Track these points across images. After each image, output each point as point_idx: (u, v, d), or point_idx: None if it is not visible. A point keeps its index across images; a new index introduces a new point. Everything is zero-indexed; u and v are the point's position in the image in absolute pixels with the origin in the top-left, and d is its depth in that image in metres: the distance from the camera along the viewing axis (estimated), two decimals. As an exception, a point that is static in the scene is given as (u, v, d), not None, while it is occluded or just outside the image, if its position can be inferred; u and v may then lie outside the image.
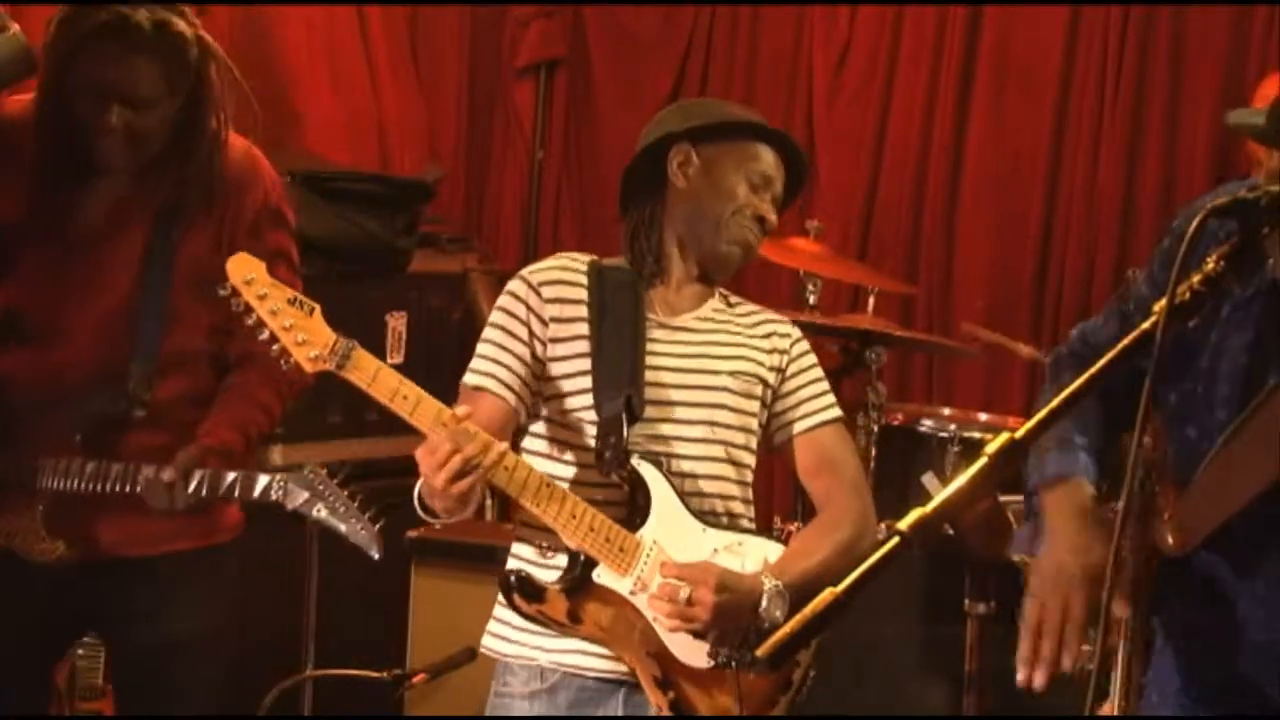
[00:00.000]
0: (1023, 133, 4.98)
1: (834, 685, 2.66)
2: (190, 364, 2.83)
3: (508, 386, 2.64)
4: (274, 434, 4.14)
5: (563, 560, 2.59)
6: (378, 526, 2.63)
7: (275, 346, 2.47)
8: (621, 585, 2.55)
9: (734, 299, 2.79)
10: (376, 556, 2.63)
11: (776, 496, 4.72)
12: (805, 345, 2.77)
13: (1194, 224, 1.72)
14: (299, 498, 2.64)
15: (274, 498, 2.64)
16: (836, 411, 2.74)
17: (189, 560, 2.83)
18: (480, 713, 2.73)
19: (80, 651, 3.51)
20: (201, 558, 2.85)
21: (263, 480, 2.65)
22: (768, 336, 2.73)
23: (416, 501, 2.48)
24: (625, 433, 2.55)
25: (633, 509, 2.57)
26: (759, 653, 1.68)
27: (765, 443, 2.73)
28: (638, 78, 5.58)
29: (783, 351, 2.72)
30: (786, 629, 1.65)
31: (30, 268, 2.75)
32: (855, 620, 2.21)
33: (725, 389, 2.64)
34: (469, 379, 2.68)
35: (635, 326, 2.62)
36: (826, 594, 1.65)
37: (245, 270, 2.47)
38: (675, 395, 2.62)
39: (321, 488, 2.63)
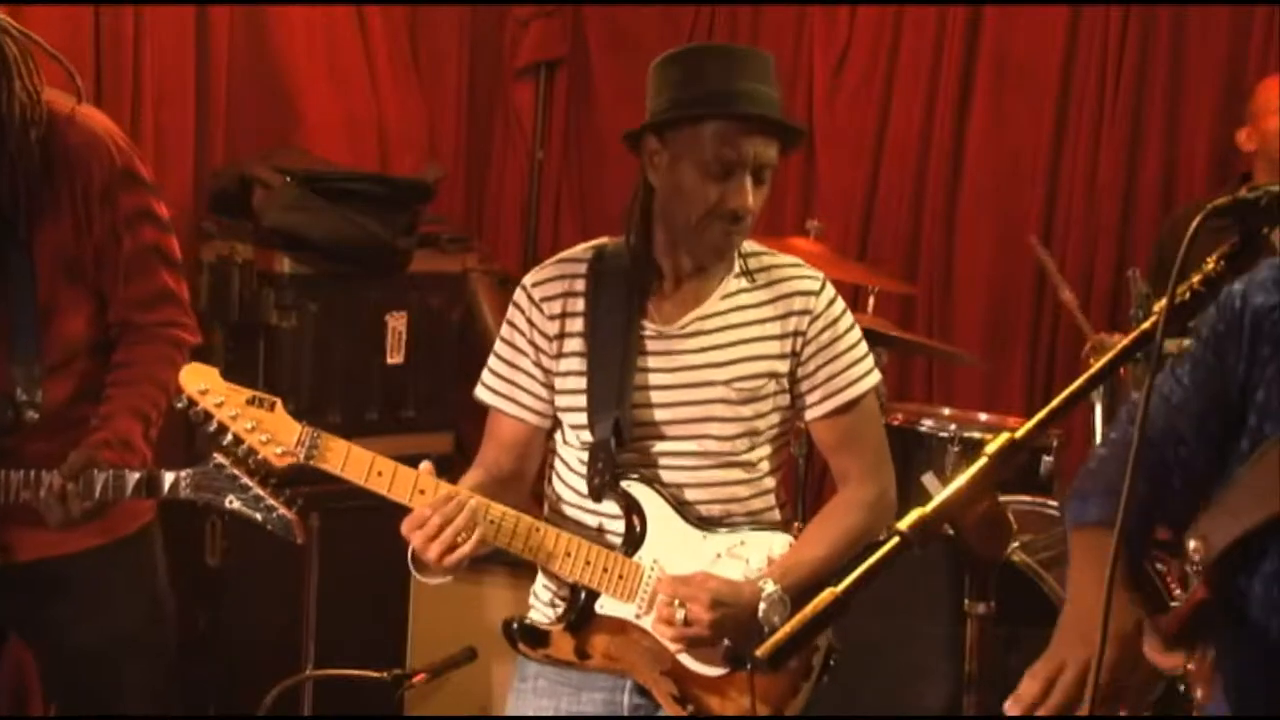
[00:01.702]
0: (1023, 133, 4.98)
1: (834, 685, 2.65)
2: (77, 358, 2.77)
3: (524, 406, 2.63)
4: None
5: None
6: (294, 510, 2.59)
7: (241, 448, 2.47)
8: (626, 611, 2.55)
9: (754, 262, 2.63)
10: (299, 541, 2.60)
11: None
12: (830, 313, 2.61)
13: (1194, 223, 1.72)
14: (208, 491, 2.59)
15: (182, 494, 2.59)
16: (858, 389, 2.62)
17: (95, 559, 2.78)
18: (480, 713, 2.73)
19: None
20: (109, 554, 2.80)
21: (169, 478, 2.59)
22: (784, 318, 2.59)
23: (411, 563, 2.49)
24: (613, 458, 2.53)
25: (629, 531, 2.56)
26: (758, 653, 1.68)
27: (797, 417, 2.67)
28: (638, 78, 5.53)
29: (799, 333, 2.59)
30: (785, 629, 1.66)
31: None
32: (855, 620, 2.21)
33: (720, 400, 2.56)
34: (483, 395, 2.67)
35: (627, 343, 2.56)
36: (826, 593, 1.66)
37: (198, 380, 2.47)
38: (665, 414, 2.57)
39: (231, 478, 2.58)
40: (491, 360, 2.66)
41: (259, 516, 2.58)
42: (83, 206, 2.69)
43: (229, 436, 2.47)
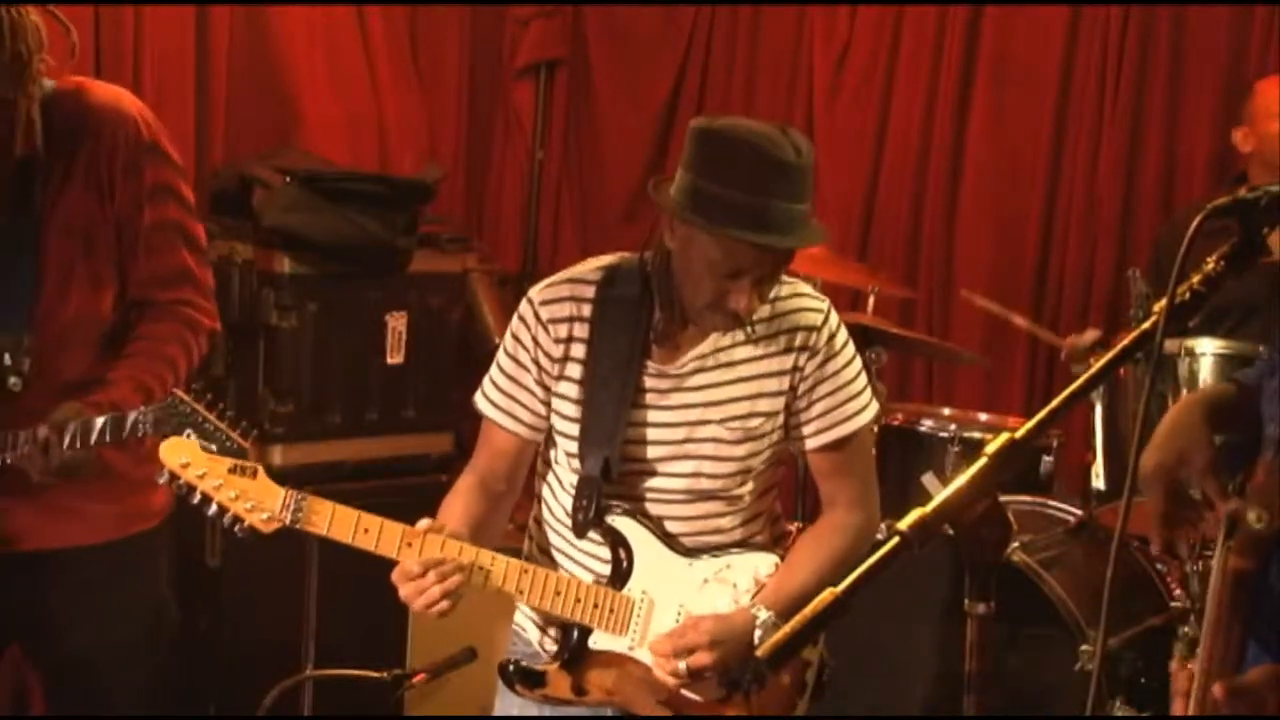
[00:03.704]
0: (1023, 132, 4.98)
1: (834, 685, 2.66)
2: (101, 338, 2.75)
3: (522, 421, 2.63)
4: (273, 434, 4.17)
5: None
6: (250, 440, 2.55)
7: (227, 517, 2.48)
8: (620, 644, 2.56)
9: None
10: (244, 459, 2.55)
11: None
12: (831, 348, 2.60)
13: (1194, 223, 1.72)
14: (167, 427, 2.53)
15: (141, 433, 2.56)
16: (853, 425, 2.62)
17: (103, 555, 2.77)
18: (480, 713, 2.73)
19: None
20: (117, 552, 2.79)
21: (131, 417, 2.55)
22: (784, 353, 2.58)
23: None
24: (599, 495, 2.54)
25: (616, 565, 2.56)
26: (759, 653, 1.68)
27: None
28: (638, 78, 5.58)
29: (798, 369, 2.58)
30: (785, 630, 1.66)
31: None
32: (855, 620, 2.20)
33: (713, 440, 2.56)
34: (483, 406, 2.66)
35: (626, 379, 2.54)
36: (826, 594, 1.66)
37: (179, 454, 2.48)
38: (658, 452, 2.57)
39: (188, 413, 2.53)
40: (493, 371, 2.65)
41: (214, 447, 2.53)
42: (105, 177, 2.68)
43: (214, 507, 2.48)
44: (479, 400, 2.66)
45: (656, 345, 2.58)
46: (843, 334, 2.62)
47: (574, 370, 2.58)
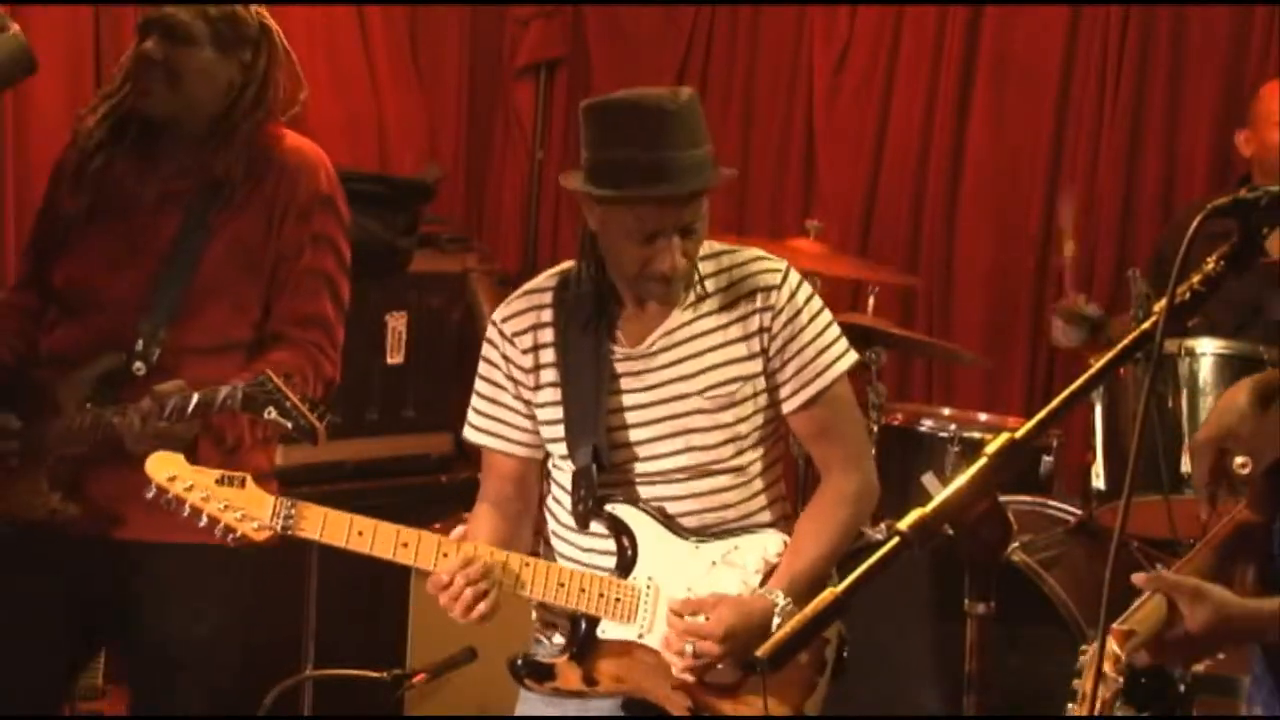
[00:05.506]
0: (1023, 132, 4.98)
1: (834, 685, 2.65)
2: (221, 349, 2.85)
3: (513, 441, 2.66)
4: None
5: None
6: (324, 424, 2.67)
7: (218, 528, 2.50)
8: (629, 632, 2.55)
9: (714, 265, 2.61)
10: (315, 444, 2.70)
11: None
12: (793, 304, 2.58)
13: (1195, 223, 1.72)
14: (252, 405, 2.64)
15: (231, 407, 2.65)
16: (829, 377, 2.59)
17: (209, 554, 2.79)
18: (480, 713, 2.73)
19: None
20: (221, 553, 2.80)
21: (223, 392, 2.64)
22: (747, 317, 2.58)
23: None
24: (595, 485, 2.55)
25: (621, 554, 2.57)
26: (759, 653, 1.68)
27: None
28: (638, 78, 5.56)
29: (764, 330, 2.58)
30: (786, 629, 1.66)
31: (85, 247, 2.87)
32: (855, 620, 2.21)
33: (697, 411, 2.57)
34: (472, 435, 2.69)
35: (598, 368, 2.57)
36: (826, 594, 1.66)
37: (165, 468, 2.53)
38: (644, 433, 2.58)
39: (273, 391, 2.63)
40: (474, 399, 2.69)
41: (289, 424, 2.64)
42: (279, 215, 2.86)
43: (204, 519, 2.50)
44: (467, 432, 2.70)
45: (621, 330, 2.61)
46: (805, 289, 2.63)
47: (548, 375, 2.61)
